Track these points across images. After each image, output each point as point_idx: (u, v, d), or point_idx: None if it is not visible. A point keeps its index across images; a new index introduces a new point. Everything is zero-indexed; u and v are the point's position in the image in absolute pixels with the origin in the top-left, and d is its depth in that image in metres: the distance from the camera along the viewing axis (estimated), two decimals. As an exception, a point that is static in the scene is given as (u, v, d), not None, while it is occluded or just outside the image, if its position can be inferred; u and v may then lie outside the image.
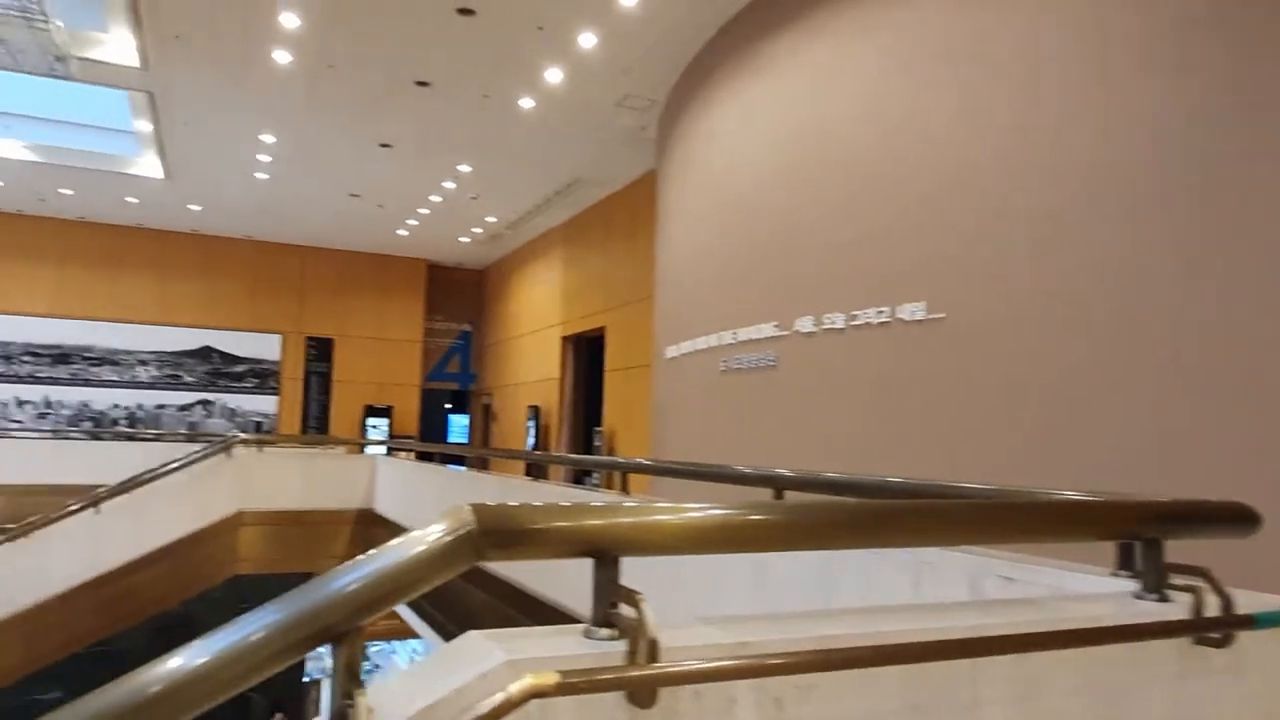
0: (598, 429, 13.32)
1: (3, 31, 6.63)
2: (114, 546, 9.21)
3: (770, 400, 6.65)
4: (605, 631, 1.18)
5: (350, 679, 1.03)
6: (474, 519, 1.11)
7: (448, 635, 7.00)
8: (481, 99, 9.83)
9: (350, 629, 1.05)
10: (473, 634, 1.19)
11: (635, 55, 8.52)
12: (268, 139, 11.45)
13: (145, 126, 11.26)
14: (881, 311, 5.53)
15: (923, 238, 5.35)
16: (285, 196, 14.08)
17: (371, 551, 1.09)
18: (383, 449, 13.37)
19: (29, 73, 8.64)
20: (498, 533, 1.13)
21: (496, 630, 1.21)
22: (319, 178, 13.13)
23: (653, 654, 1.09)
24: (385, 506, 10.34)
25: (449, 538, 1.10)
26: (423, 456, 11.43)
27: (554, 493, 6.65)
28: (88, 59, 8.90)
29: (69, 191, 14.26)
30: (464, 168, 12.44)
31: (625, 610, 1.17)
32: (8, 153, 12.27)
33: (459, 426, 19.51)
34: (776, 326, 6.52)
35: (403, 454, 12.10)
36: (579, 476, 12.54)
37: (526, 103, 9.89)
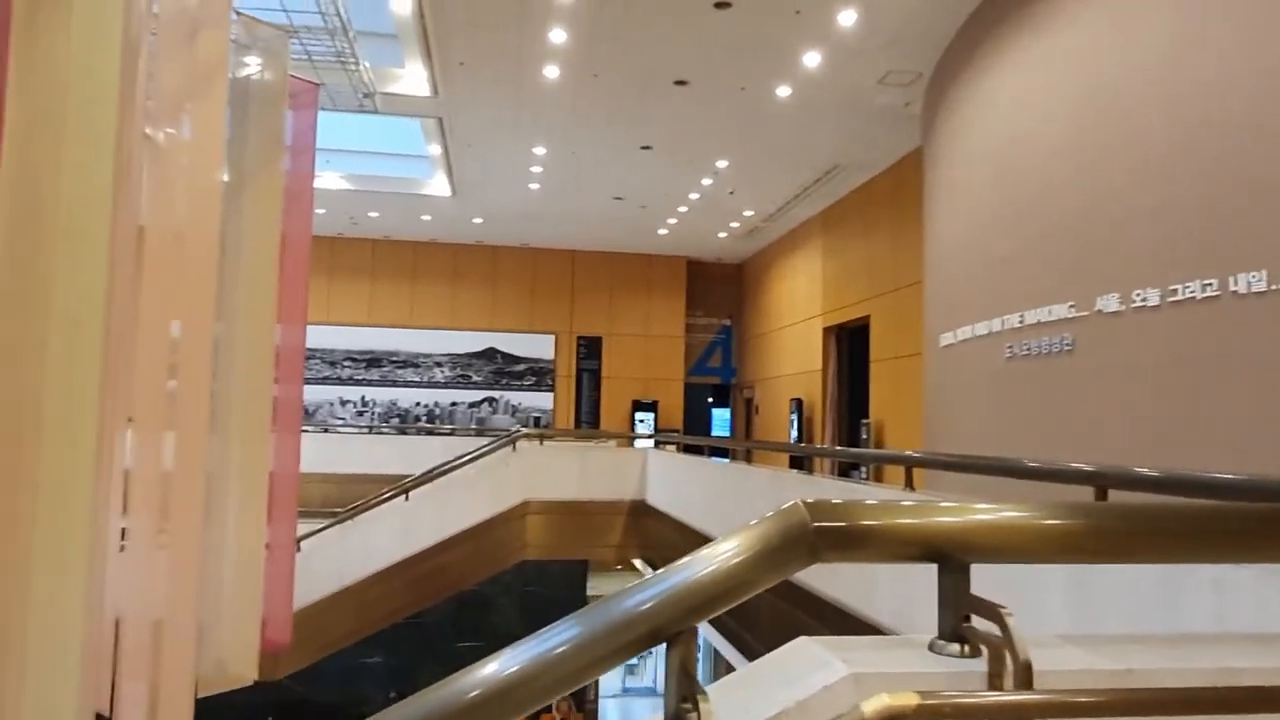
0: (865, 421, 12.87)
1: (323, 76, 7.56)
2: (421, 530, 10.22)
3: (1065, 388, 6.02)
4: (955, 648, 1.04)
5: (686, 681, 0.98)
6: (809, 516, 1.02)
7: (734, 638, 7.03)
8: (738, 92, 9.81)
9: (683, 629, 1.00)
10: (804, 641, 1.10)
11: (897, 28, 8.08)
12: (539, 151, 12.19)
13: (436, 150, 12.42)
14: (1208, 284, 4.80)
15: (1264, 198, 4.56)
16: (555, 203, 14.94)
17: (701, 551, 1.04)
18: (650, 442, 13.79)
19: (343, 111, 9.79)
20: (835, 532, 1.03)
21: (829, 638, 1.11)
22: (585, 184, 13.79)
23: (1027, 679, 0.94)
24: (657, 498, 10.63)
25: (783, 537, 1.02)
26: (688, 449, 11.63)
27: (841, 488, 6.45)
28: (389, 93, 9.94)
29: (376, 214, 16.09)
30: (721, 163, 12.51)
31: (980, 624, 1.03)
32: (328, 184, 14.05)
33: (721, 420, 19.72)
34: (1072, 307, 5.88)
35: (669, 447, 12.40)
36: (845, 470, 12.17)
37: (783, 91, 9.73)
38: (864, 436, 12.76)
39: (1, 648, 2.91)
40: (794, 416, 15.38)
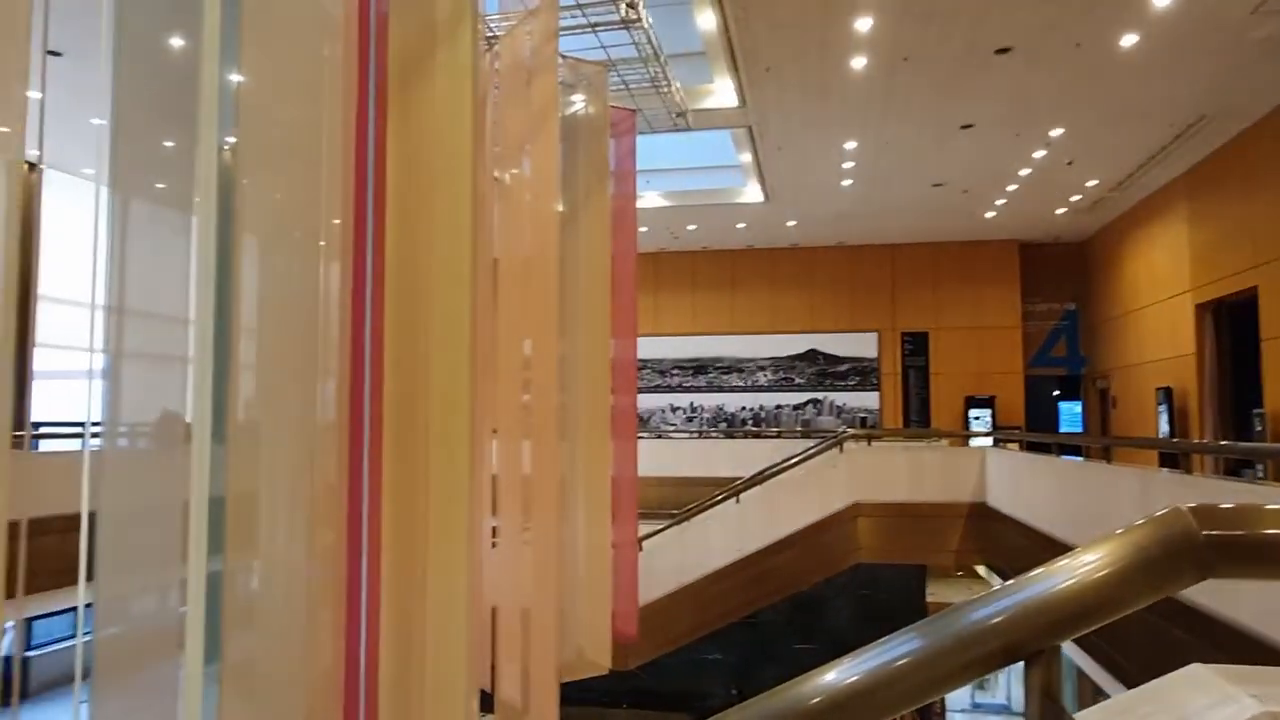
0: (1257, 411, 10.96)
1: (639, 102, 8.03)
2: (753, 532, 10.40)
3: None
4: None
5: (1050, 706, 0.88)
6: (1196, 524, 0.87)
7: (1098, 653, 6.34)
8: (1072, 50, 8.86)
9: (1044, 648, 0.90)
10: (1201, 669, 0.94)
11: (1277, -57, 6.82)
12: (850, 145, 11.92)
13: (746, 158, 12.64)
14: None
15: None
16: (870, 198, 14.52)
17: (1060, 561, 0.93)
18: (988, 440, 12.86)
19: (658, 132, 10.31)
20: (1230, 543, 0.88)
21: (1230, 667, 0.95)
22: (901, 174, 13.25)
23: None
24: (999, 500, 9.89)
25: (1163, 548, 0.88)
26: (1032, 448, 10.67)
27: (1232, 490, 5.57)
28: (701, 109, 10.31)
29: (693, 226, 16.73)
30: (1056, 132, 11.37)
31: None
32: (648, 203, 14.87)
33: (1070, 414, 17.86)
34: None
35: (1010, 445, 11.47)
36: (1233, 469, 10.47)
37: (1128, 40, 8.62)
38: (1258, 429, 10.87)
39: (408, 633, 3.41)
40: (1162, 408, 13.51)
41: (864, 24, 8.35)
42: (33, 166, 4.47)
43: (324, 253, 3.62)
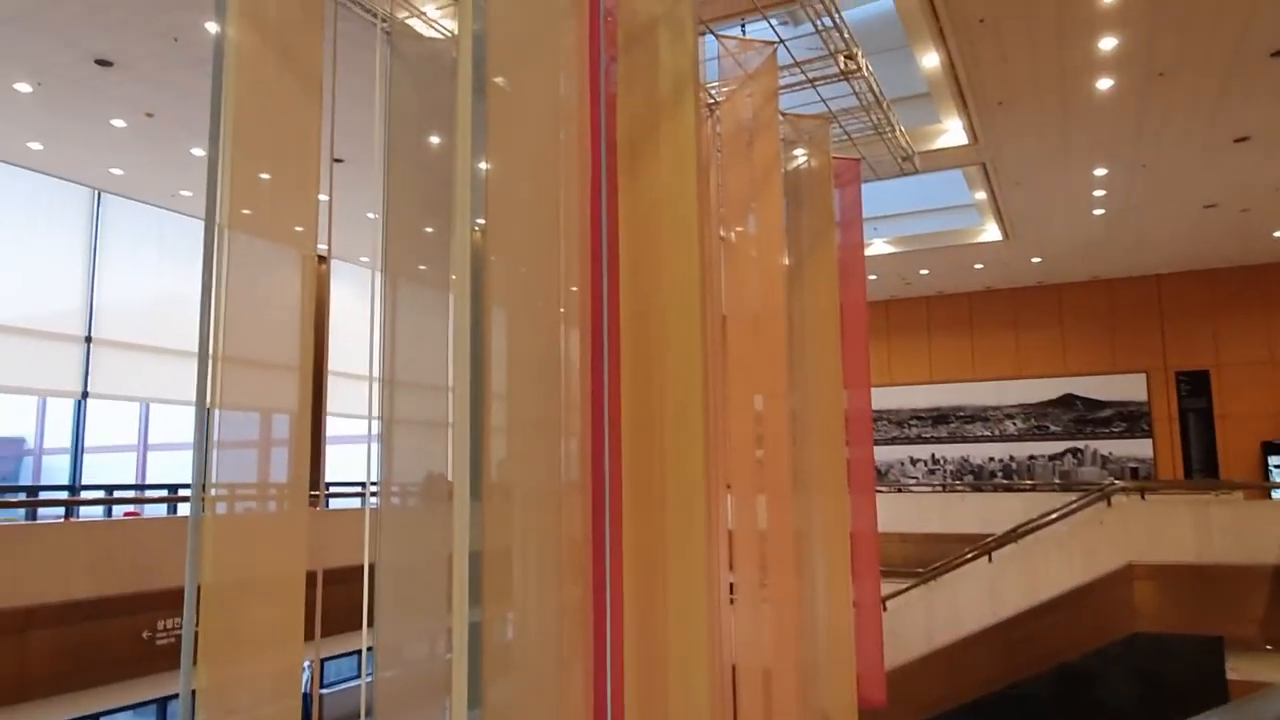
0: None
1: (862, 150, 7.92)
2: (1009, 593, 9.63)
3: None
4: None
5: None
6: None
7: None
8: (1370, 42, 7.73)
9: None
10: None
11: None
12: (1099, 172, 11.03)
13: (981, 196, 12.03)
14: None
15: None
16: (1127, 226, 13.30)
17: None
18: (1295, 493, 11.16)
19: (884, 178, 10.10)
20: None
21: None
22: (1163, 197, 12.04)
23: None
24: (1314, 563, 8.52)
25: None
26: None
27: None
28: (928, 150, 9.99)
29: (926, 271, 16.09)
30: (1355, 135, 9.89)
31: None
32: (877, 250, 14.51)
33: (1403, 461, 15.11)
34: None
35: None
36: None
37: None
38: None
39: (651, 685, 3.48)
40: None
41: (1108, 43, 7.77)
42: (323, 259, 5.15)
43: (564, 319, 3.86)
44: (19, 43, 7.48)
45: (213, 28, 7.21)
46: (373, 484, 5.52)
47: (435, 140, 5.88)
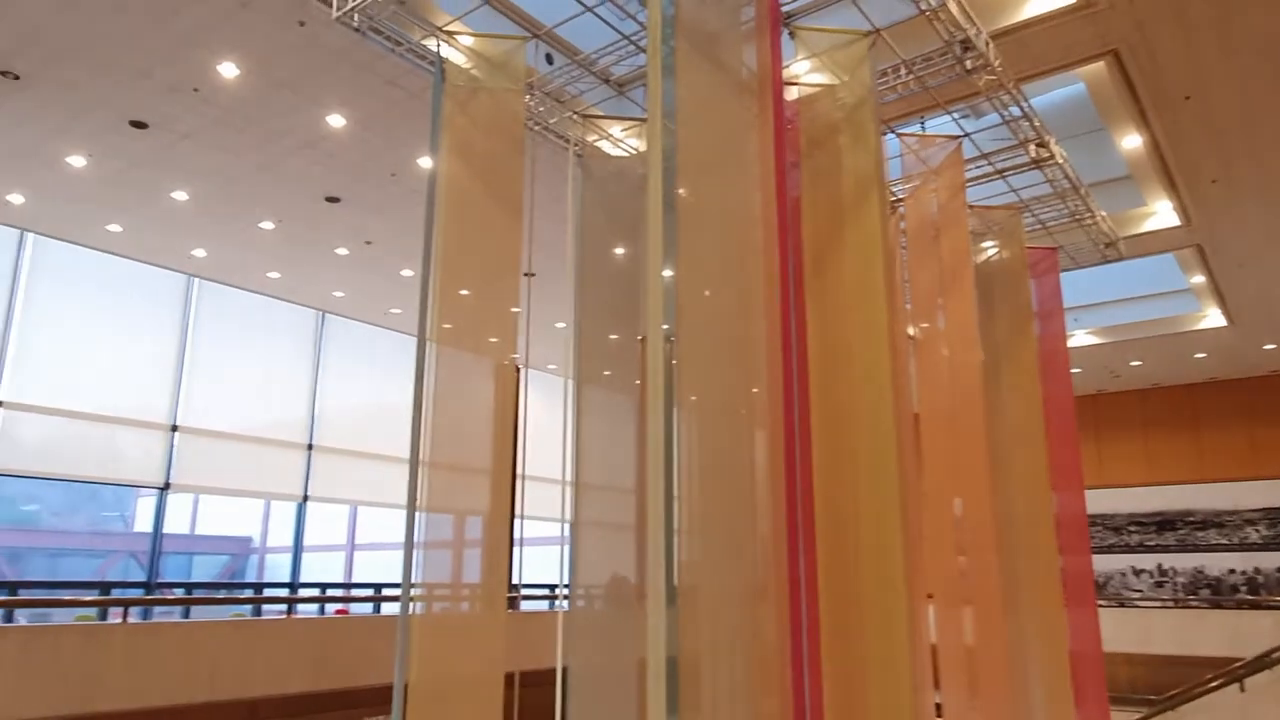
0: None
1: (1059, 239, 7.54)
2: (1270, 729, 8.37)
3: None
4: None
5: None
6: None
7: None
8: None
9: None
10: None
11: None
12: (1341, 248, 9.91)
13: (1198, 279, 11.09)
14: None
15: None
16: (1380, 306, 11.80)
17: None
18: None
19: (1085, 266, 9.54)
20: None
21: None
22: None
23: None
24: None
25: None
26: None
27: None
28: (1133, 235, 9.37)
29: (1138, 362, 14.86)
30: None
31: None
32: (1080, 341, 13.59)
33: None
34: None
35: None
36: None
37: None
38: None
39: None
40: None
41: (1341, 107, 7.10)
42: (516, 368, 5.43)
43: (753, 423, 3.84)
44: (268, 188, 8.58)
45: (425, 163, 8.00)
46: (562, 586, 5.61)
47: (620, 252, 6.16)
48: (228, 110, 7.20)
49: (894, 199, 5.59)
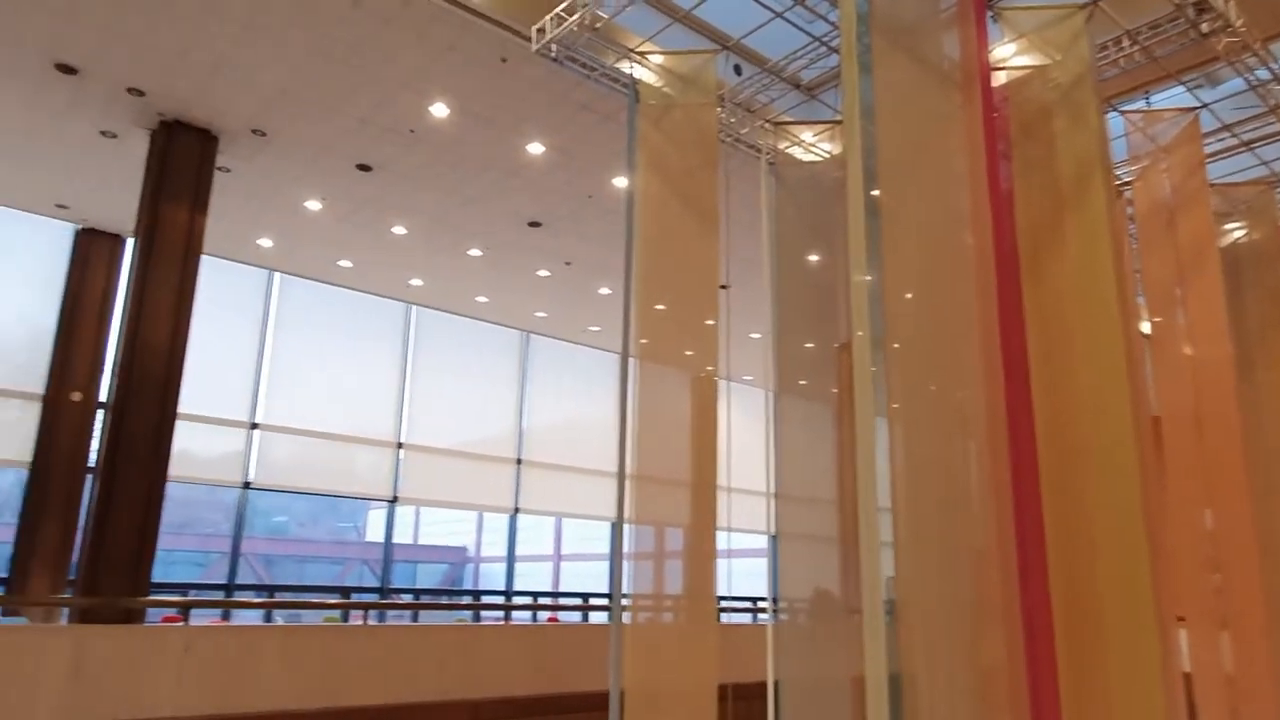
0: None
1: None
2: None
3: None
4: None
5: None
6: None
7: None
8: None
9: None
10: None
11: None
12: None
13: None
14: None
15: None
16: None
17: None
18: None
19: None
20: None
21: None
22: None
23: None
24: None
25: None
26: None
27: None
28: None
29: None
30: None
31: None
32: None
33: None
34: None
35: None
36: None
37: None
38: None
39: None
40: None
41: None
42: (714, 380, 5.44)
43: (967, 431, 3.63)
44: (475, 217, 9.15)
45: (620, 183, 8.23)
46: (766, 599, 5.55)
47: (815, 258, 6.04)
48: (438, 148, 7.74)
49: (1119, 183, 5.13)
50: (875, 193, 3.60)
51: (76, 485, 9.27)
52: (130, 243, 8.82)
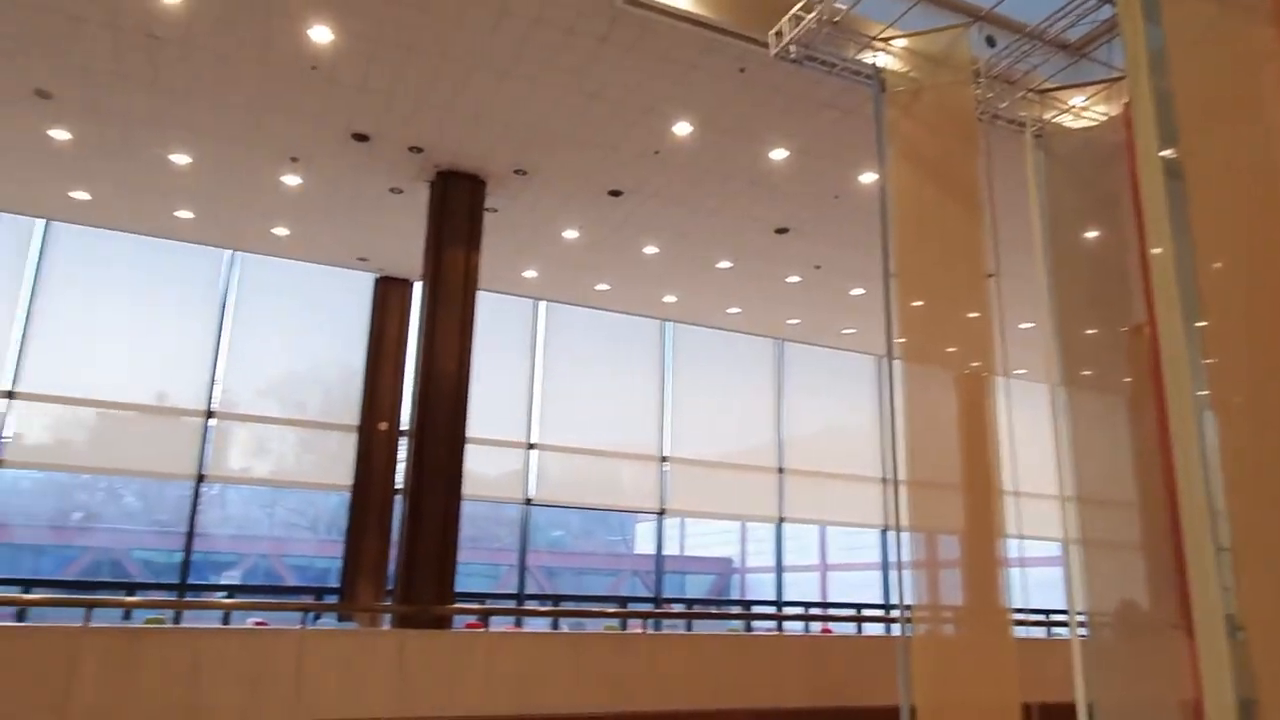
0: None
1: None
2: None
3: None
4: None
5: None
6: None
7: None
8: None
9: None
10: None
11: None
12: None
13: None
14: None
15: None
16: None
17: None
18: None
19: None
20: None
21: None
22: None
23: None
24: None
25: None
26: None
27: None
28: None
29: None
30: None
31: None
32: None
33: None
34: None
35: None
36: None
37: None
38: None
39: None
40: None
41: None
42: (983, 375, 5.07)
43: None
44: (722, 229, 9.25)
45: (867, 179, 7.97)
46: (1061, 611, 5.05)
47: (1093, 235, 5.47)
48: (683, 165, 7.91)
49: None
50: (1170, 153, 3.19)
51: (387, 505, 10.43)
52: (418, 285, 9.82)
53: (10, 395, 9.37)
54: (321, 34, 6.12)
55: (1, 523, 11.42)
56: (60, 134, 7.58)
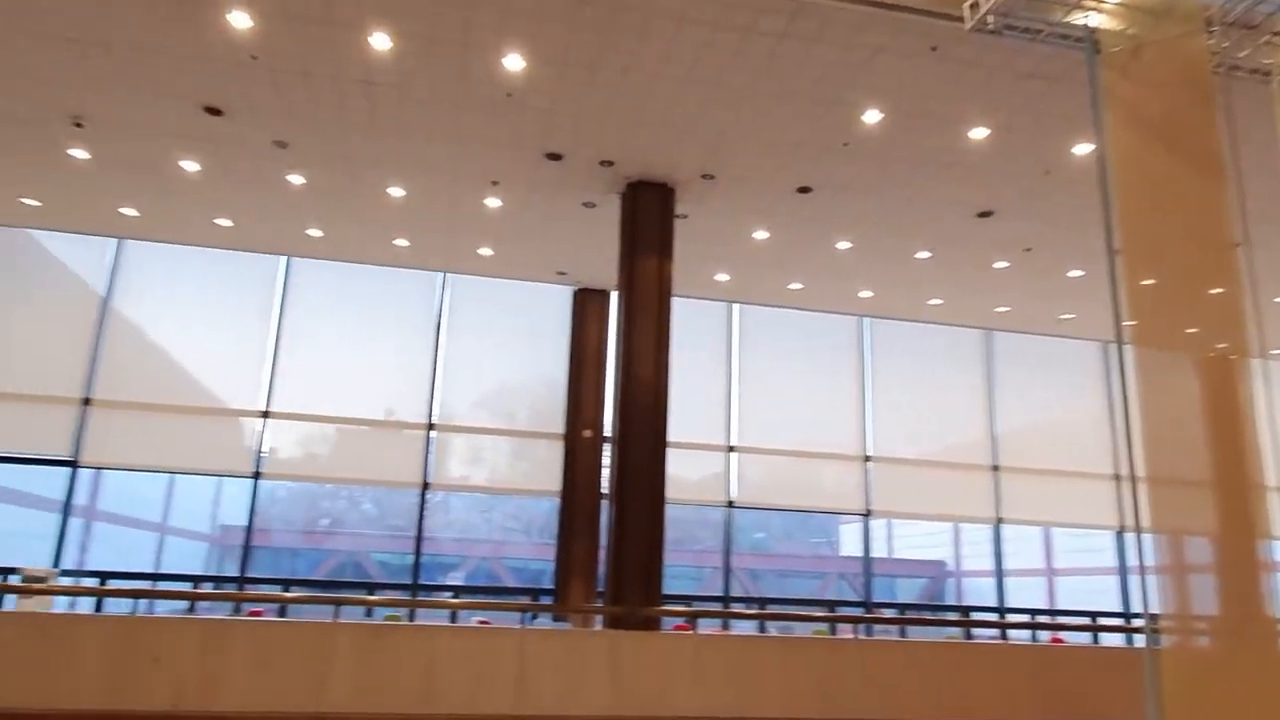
0: None
1: None
2: None
3: None
4: None
5: None
6: None
7: None
8: None
9: None
10: None
11: None
12: None
13: None
14: None
15: None
16: None
17: None
18: None
19: None
20: None
21: None
22: None
23: None
24: None
25: None
26: None
27: None
28: None
29: None
30: None
31: None
32: None
33: None
34: None
35: None
36: None
37: None
38: None
39: None
40: None
41: None
42: (1232, 358, 4.52)
43: None
44: (919, 218, 8.84)
45: (1082, 150, 7.36)
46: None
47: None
48: (873, 154, 7.64)
49: None
50: None
51: (594, 509, 10.77)
52: (614, 295, 10.08)
53: (266, 414, 10.53)
54: (514, 62, 6.43)
55: (264, 529, 12.83)
56: (296, 178, 8.45)
